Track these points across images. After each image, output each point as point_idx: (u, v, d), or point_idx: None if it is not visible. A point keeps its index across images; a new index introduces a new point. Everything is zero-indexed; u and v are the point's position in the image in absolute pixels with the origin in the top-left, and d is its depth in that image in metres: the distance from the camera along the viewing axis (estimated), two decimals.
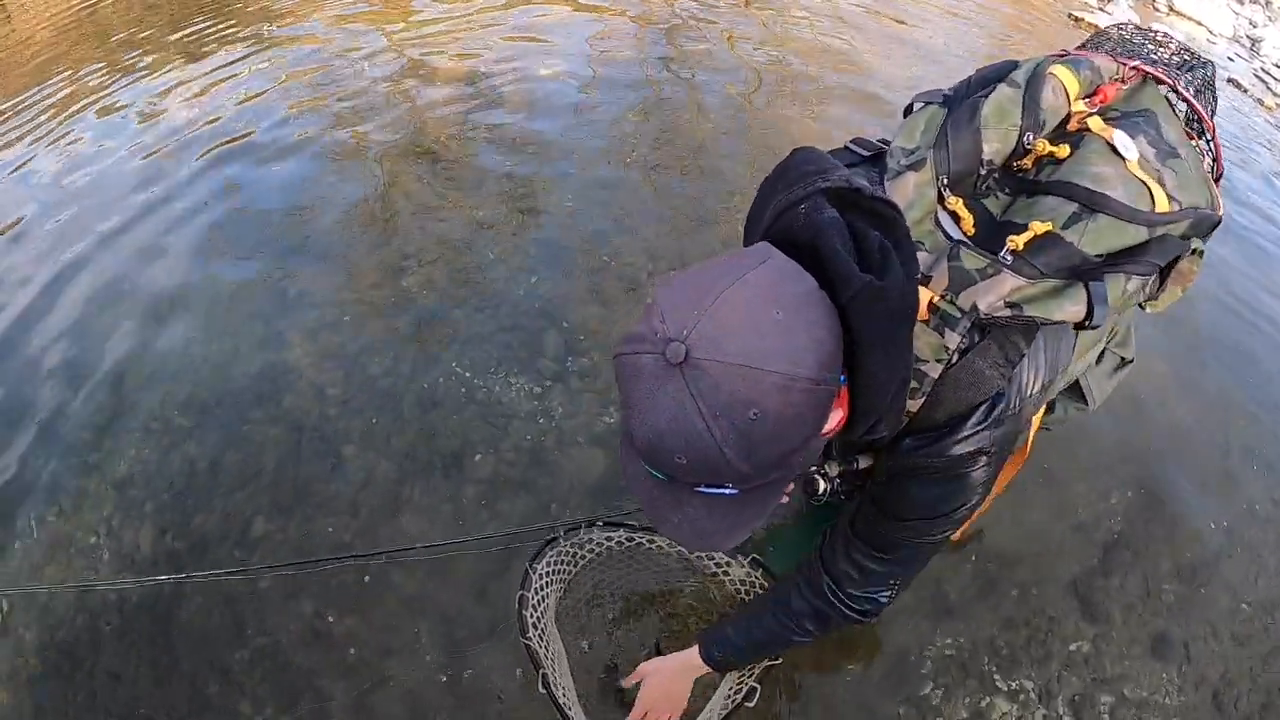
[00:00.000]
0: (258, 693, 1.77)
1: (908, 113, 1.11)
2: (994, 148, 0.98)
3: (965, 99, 1.03)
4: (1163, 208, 0.98)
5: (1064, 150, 0.98)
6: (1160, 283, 1.07)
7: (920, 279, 0.94)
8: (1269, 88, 6.02)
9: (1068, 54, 1.14)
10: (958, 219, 0.97)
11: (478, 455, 2.22)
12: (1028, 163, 0.99)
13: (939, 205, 0.99)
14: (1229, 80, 5.87)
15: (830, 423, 0.86)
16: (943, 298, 0.95)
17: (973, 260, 0.94)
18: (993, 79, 1.05)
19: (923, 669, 1.90)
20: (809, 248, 0.81)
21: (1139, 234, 0.96)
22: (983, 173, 0.99)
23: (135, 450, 2.24)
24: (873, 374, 0.83)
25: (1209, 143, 1.20)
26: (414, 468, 2.19)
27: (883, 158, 1.06)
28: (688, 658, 1.50)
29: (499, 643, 1.84)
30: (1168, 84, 1.14)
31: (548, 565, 1.68)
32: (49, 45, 5.04)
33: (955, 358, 0.95)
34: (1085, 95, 1.06)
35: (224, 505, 2.11)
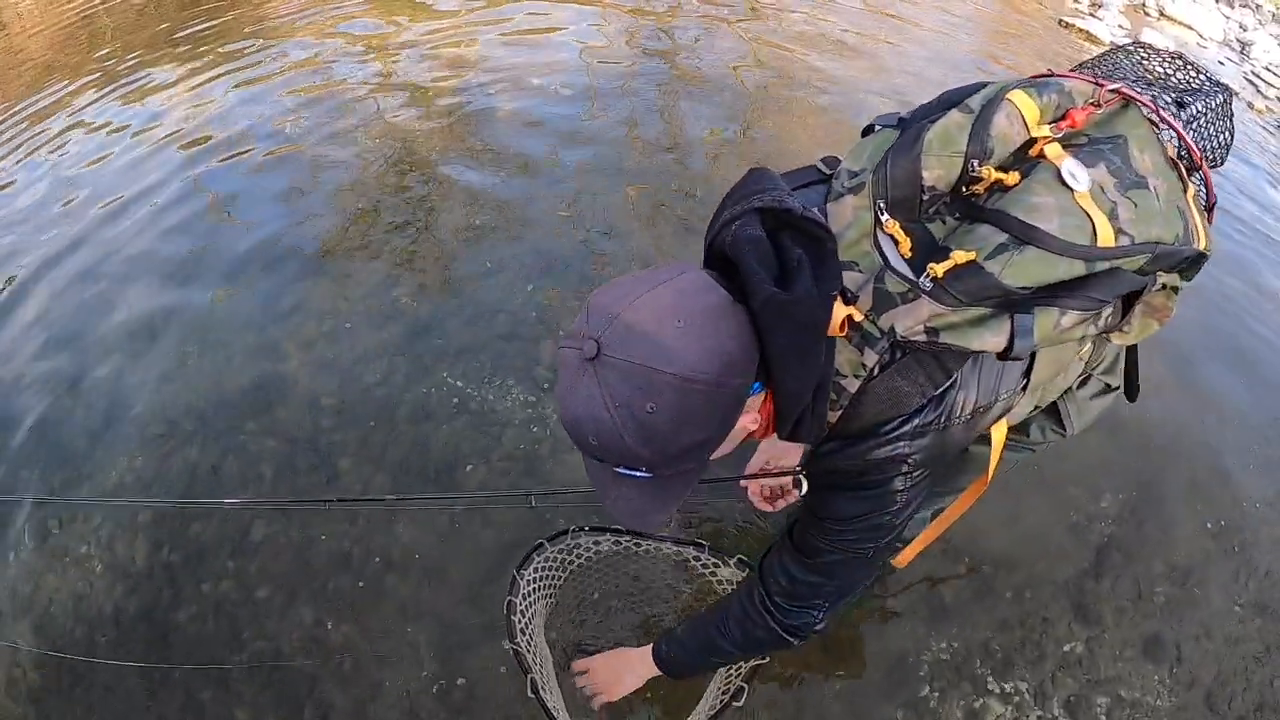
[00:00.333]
0: (256, 699, 1.78)
1: (867, 132, 1.11)
2: (935, 174, 0.98)
3: (921, 121, 1.03)
4: (1105, 241, 0.95)
5: (1013, 178, 0.97)
6: (1123, 315, 1.06)
7: (849, 297, 0.97)
8: (1259, 91, 6.06)
9: (1043, 76, 1.11)
10: (896, 242, 0.97)
11: (469, 465, 2.23)
12: (980, 189, 0.98)
13: (877, 227, 0.99)
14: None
15: (748, 423, 0.96)
16: (866, 317, 0.97)
17: (895, 284, 0.96)
18: (952, 102, 1.03)
19: (918, 672, 1.91)
20: (734, 262, 0.88)
21: (1073, 268, 0.94)
22: (925, 198, 0.99)
23: (130, 459, 2.25)
24: (784, 381, 0.90)
25: (1196, 171, 1.16)
26: (409, 478, 2.20)
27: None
28: (643, 653, 1.54)
29: (493, 649, 1.85)
30: (1150, 108, 1.10)
31: (535, 571, 1.70)
32: (43, 54, 5.06)
33: (877, 372, 0.99)
34: (1053, 120, 1.03)
35: (220, 514, 2.11)
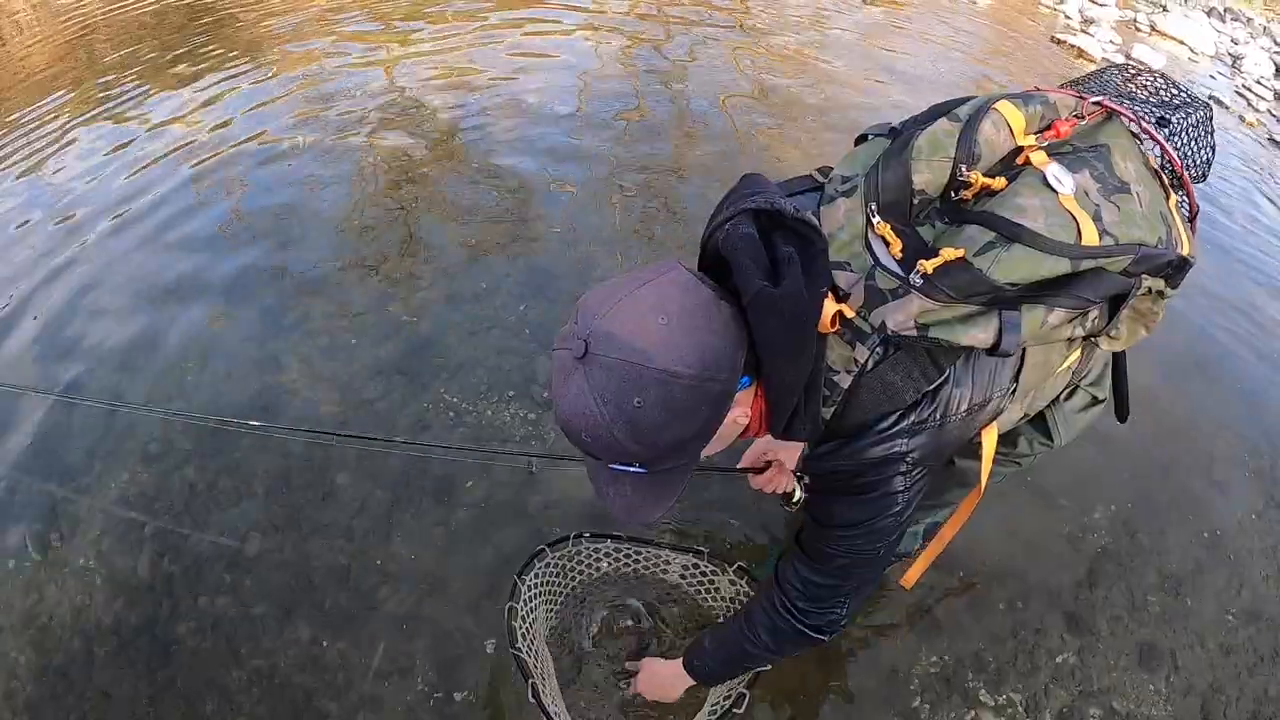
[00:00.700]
0: (255, 713, 1.79)
1: (860, 141, 1.15)
2: (924, 178, 1.01)
3: (912, 130, 1.07)
4: (1089, 241, 0.97)
5: (1000, 183, 1.00)
6: (1110, 319, 1.09)
7: (840, 295, 1.01)
8: (1250, 104, 6.11)
9: (1031, 90, 1.15)
10: (887, 243, 1.01)
11: (470, 481, 2.25)
12: (968, 194, 1.01)
13: (868, 229, 1.03)
14: (1210, 97, 5.97)
15: (739, 417, 1.00)
16: (857, 313, 1.00)
17: (886, 281, 0.99)
18: (941, 112, 1.07)
19: (911, 684, 1.92)
20: (727, 260, 0.93)
21: (1059, 265, 0.97)
22: (915, 202, 1.02)
23: (131, 472, 2.27)
24: (774, 375, 0.95)
25: (1179, 182, 1.20)
26: (408, 492, 2.22)
27: None
28: (676, 667, 1.57)
29: (492, 660, 1.86)
30: (1131, 120, 1.15)
31: (536, 577, 1.71)
32: (42, 67, 5.08)
33: (870, 366, 1.01)
34: (1038, 130, 1.07)
35: (220, 527, 2.13)
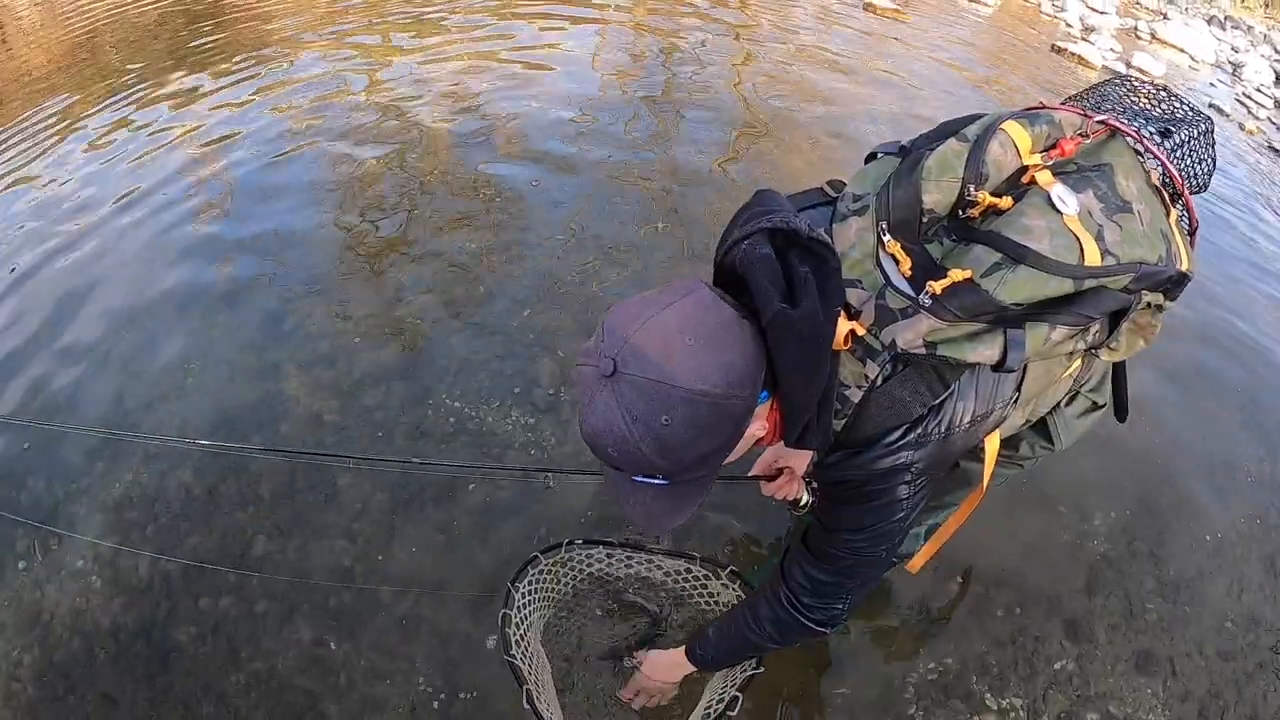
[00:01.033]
0: (255, 716, 1.80)
1: (870, 159, 1.18)
2: (934, 198, 1.03)
3: (921, 149, 1.09)
4: (1092, 261, 1.00)
5: (1006, 202, 1.03)
6: (1110, 332, 1.12)
7: (853, 312, 1.04)
8: (1250, 112, 6.13)
9: (1035, 108, 1.17)
10: (897, 261, 1.03)
11: (471, 485, 2.25)
12: (975, 213, 1.03)
13: (879, 248, 1.05)
14: (1210, 105, 5.99)
15: (756, 430, 1.02)
16: (868, 331, 1.03)
17: (896, 300, 1.02)
18: (950, 131, 1.09)
19: (910, 689, 1.93)
20: (744, 279, 0.95)
21: (1062, 285, 1.00)
22: (924, 220, 1.04)
23: (133, 474, 2.28)
24: (791, 391, 0.96)
25: (1179, 198, 1.22)
26: (408, 496, 2.23)
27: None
28: (677, 655, 1.61)
29: (493, 663, 1.86)
30: (1135, 138, 1.17)
31: (530, 583, 1.72)
32: (46, 68, 5.12)
33: (879, 382, 1.04)
34: (1044, 149, 1.09)
35: (222, 530, 2.14)
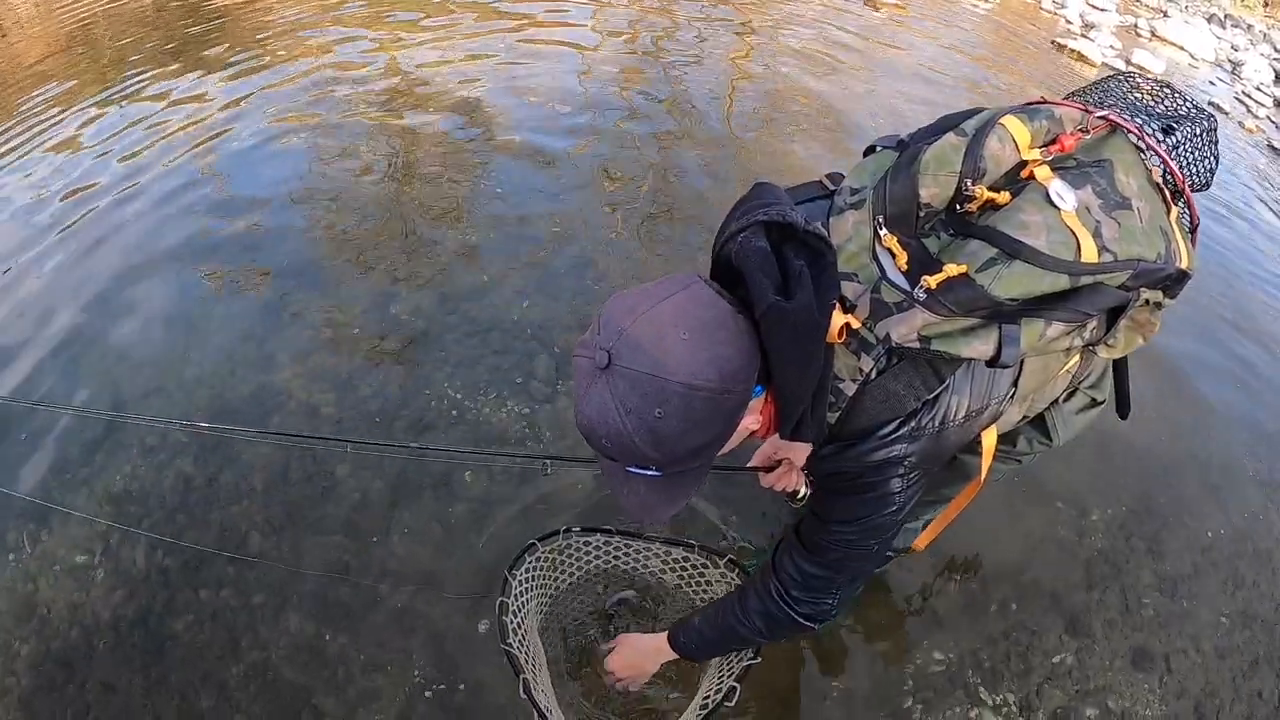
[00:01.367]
0: (251, 709, 1.79)
1: (868, 153, 1.18)
2: (931, 192, 1.04)
3: (919, 143, 1.09)
4: (1089, 258, 1.00)
5: (1004, 197, 1.03)
6: (1107, 329, 1.12)
7: (848, 306, 1.04)
8: (1250, 110, 6.13)
9: (1036, 103, 1.17)
10: (894, 255, 1.03)
11: (469, 475, 2.25)
12: (973, 208, 1.03)
13: (876, 241, 1.05)
14: (1210, 103, 5.99)
15: (750, 423, 1.03)
16: (863, 324, 1.03)
17: (891, 294, 1.02)
18: (948, 126, 1.09)
19: (906, 683, 1.93)
20: (740, 271, 0.95)
21: (1058, 281, 1.00)
22: (921, 215, 1.05)
23: (130, 467, 2.27)
24: (785, 384, 0.97)
25: (1180, 195, 1.21)
26: (407, 488, 2.23)
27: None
28: (659, 641, 1.59)
29: (490, 654, 1.86)
30: (1136, 134, 1.17)
31: (527, 571, 1.72)
32: (41, 61, 5.09)
33: (874, 376, 1.04)
34: (1044, 144, 1.09)
35: (220, 522, 2.14)
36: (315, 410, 2.42)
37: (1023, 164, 1.06)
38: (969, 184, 1.02)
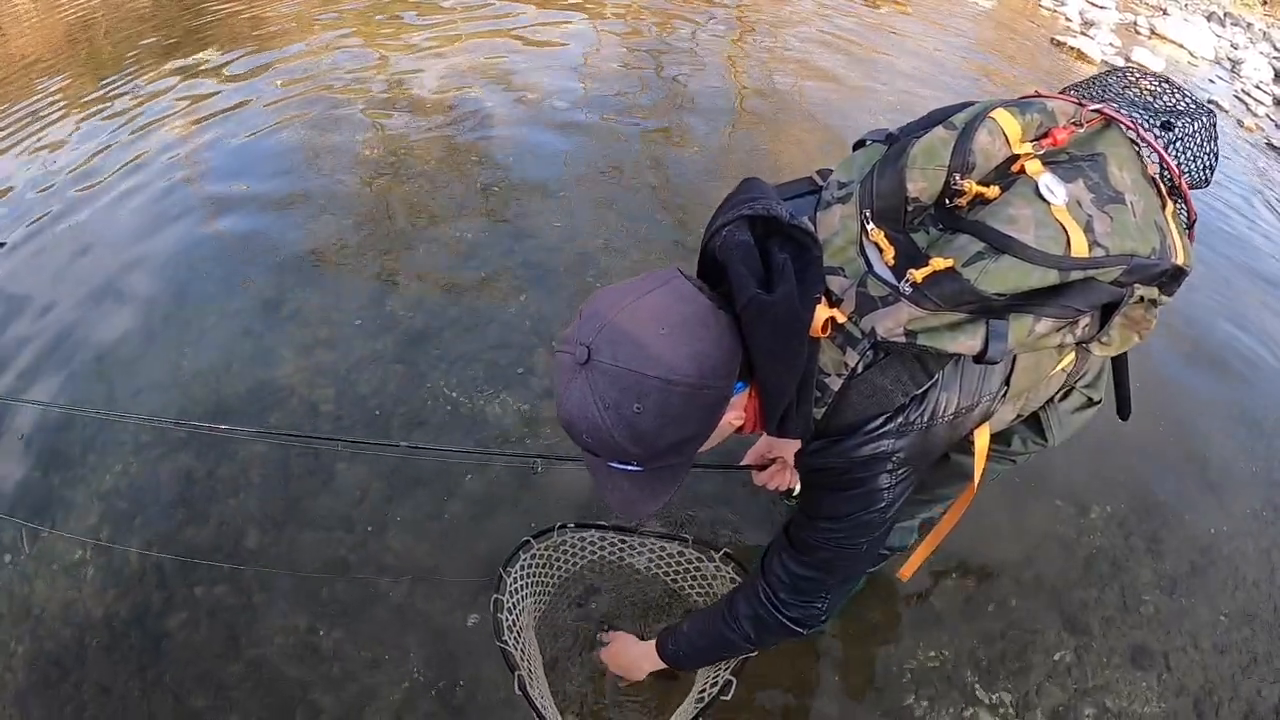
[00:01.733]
0: (248, 705, 1.79)
1: (858, 147, 1.17)
2: (919, 186, 1.02)
3: (909, 136, 1.08)
4: (1079, 252, 0.98)
5: (994, 191, 1.01)
6: (1100, 326, 1.10)
7: (833, 300, 1.03)
8: (1249, 109, 6.12)
9: (1029, 96, 1.15)
10: (881, 249, 1.02)
11: (468, 474, 2.24)
12: (962, 202, 1.02)
13: (863, 235, 1.04)
14: (1209, 101, 5.98)
15: (733, 419, 1.03)
16: (849, 319, 1.02)
17: (877, 288, 1.01)
18: (938, 119, 1.08)
19: (905, 681, 1.92)
20: (723, 265, 0.95)
21: (1047, 276, 0.98)
22: (910, 209, 1.03)
23: (125, 463, 2.26)
24: (767, 378, 0.97)
25: (1177, 191, 1.19)
26: (404, 485, 2.22)
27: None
28: (647, 647, 1.57)
29: (487, 651, 1.85)
30: (1130, 128, 1.14)
31: (522, 568, 1.71)
32: (39, 57, 5.08)
33: (860, 370, 1.04)
34: (1035, 138, 1.07)
35: (217, 519, 2.13)
36: (314, 406, 2.42)
37: (1014, 158, 1.04)
38: (957, 178, 1.01)
